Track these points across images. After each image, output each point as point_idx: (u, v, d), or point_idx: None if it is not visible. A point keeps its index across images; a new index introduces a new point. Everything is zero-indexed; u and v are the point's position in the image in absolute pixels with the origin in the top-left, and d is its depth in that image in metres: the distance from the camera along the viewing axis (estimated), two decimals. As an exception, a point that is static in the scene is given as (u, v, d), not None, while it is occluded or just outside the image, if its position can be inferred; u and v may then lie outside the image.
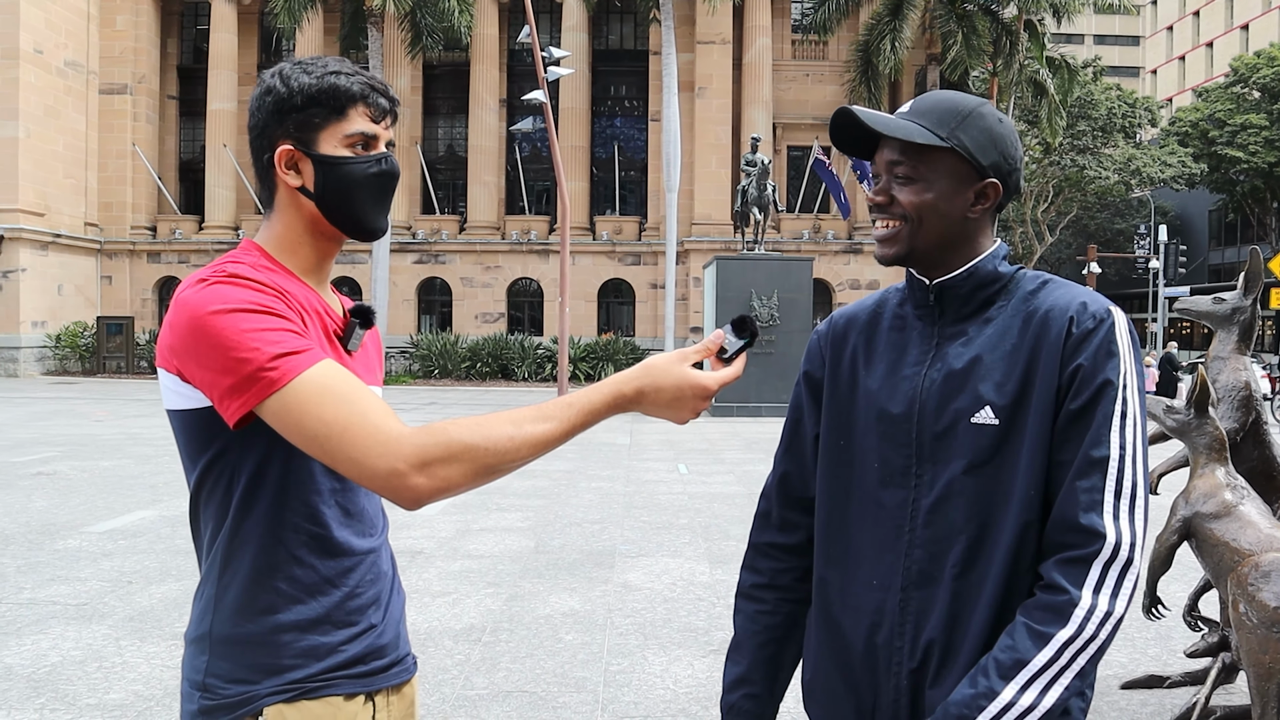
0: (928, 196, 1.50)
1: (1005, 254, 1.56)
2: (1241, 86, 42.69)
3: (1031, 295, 1.49)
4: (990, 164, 1.50)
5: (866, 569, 1.53)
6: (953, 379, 1.48)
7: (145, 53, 36.59)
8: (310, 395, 1.29)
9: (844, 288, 35.12)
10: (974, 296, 1.53)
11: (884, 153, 1.54)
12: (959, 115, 1.50)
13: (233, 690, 1.40)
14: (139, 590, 6.16)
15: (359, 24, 31.18)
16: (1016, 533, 1.41)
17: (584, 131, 36.57)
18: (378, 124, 1.50)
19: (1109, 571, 1.36)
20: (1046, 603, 1.37)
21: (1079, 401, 1.40)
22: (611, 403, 1.42)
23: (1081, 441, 1.39)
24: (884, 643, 1.50)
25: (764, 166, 22.81)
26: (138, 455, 12.85)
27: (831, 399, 1.63)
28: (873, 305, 1.67)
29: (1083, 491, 1.38)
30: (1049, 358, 1.42)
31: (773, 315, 21.26)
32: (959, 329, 1.52)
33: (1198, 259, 53.82)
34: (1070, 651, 1.34)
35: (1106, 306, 1.44)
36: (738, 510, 9.34)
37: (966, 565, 1.44)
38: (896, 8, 30.16)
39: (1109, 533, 1.36)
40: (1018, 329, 1.46)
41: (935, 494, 1.47)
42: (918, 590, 1.47)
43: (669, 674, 4.75)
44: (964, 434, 1.45)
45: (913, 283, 1.60)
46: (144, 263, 36.61)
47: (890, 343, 1.59)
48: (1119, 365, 1.41)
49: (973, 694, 1.37)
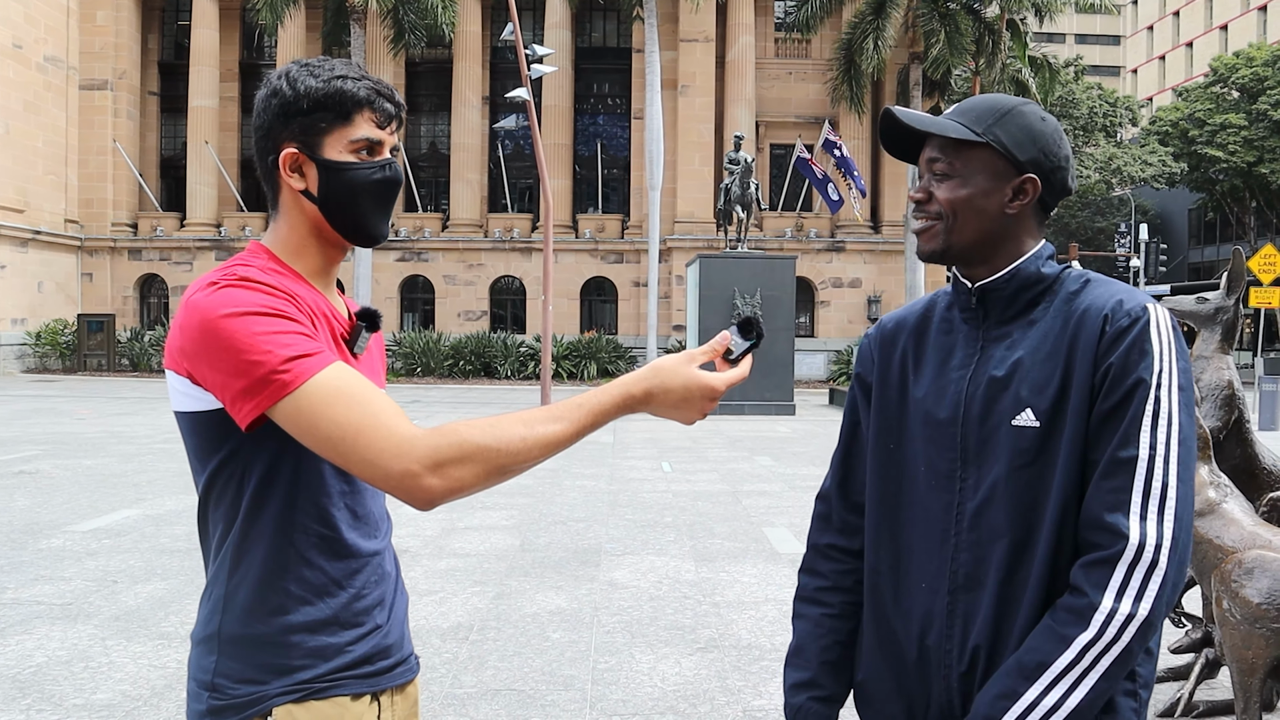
0: (963, 192, 1.52)
1: (1050, 254, 1.55)
2: (1221, 86, 43.00)
3: (1073, 295, 1.49)
4: (1028, 160, 1.50)
5: (916, 572, 1.55)
6: (996, 382, 1.48)
7: (126, 48, 36.30)
8: (323, 397, 1.30)
9: (826, 286, 35.21)
10: (1017, 298, 1.52)
11: (924, 151, 1.56)
12: (997, 113, 1.52)
13: (242, 690, 1.41)
14: (124, 589, 6.13)
15: (341, 20, 31.03)
16: (1056, 535, 1.42)
17: (567, 129, 36.54)
18: (383, 129, 1.50)
19: (1133, 573, 1.35)
20: (1070, 605, 1.38)
21: (1110, 401, 1.39)
22: (621, 403, 1.43)
23: (1111, 441, 1.39)
24: (934, 645, 1.51)
25: (747, 165, 22.85)
26: (121, 454, 12.77)
27: (881, 402, 1.64)
28: (921, 309, 1.67)
29: (1108, 491, 1.38)
30: (1084, 358, 1.42)
31: (755, 313, 21.32)
32: (1003, 331, 1.52)
33: (1177, 257, 54.27)
34: (1092, 654, 1.35)
35: (1143, 304, 1.43)
36: (722, 508, 9.37)
37: (1010, 568, 1.45)
38: (879, 6, 30.23)
39: (1133, 533, 1.35)
40: (1058, 330, 1.46)
41: (980, 497, 1.48)
42: (965, 593, 1.49)
43: (656, 671, 4.77)
44: (1006, 436, 1.46)
45: (957, 285, 1.60)
46: (125, 260, 36.35)
47: (937, 345, 1.59)
48: (1153, 364, 1.39)
49: (997, 694, 1.40)
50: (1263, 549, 3.36)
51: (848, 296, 35.28)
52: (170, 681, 4.53)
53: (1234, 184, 42.88)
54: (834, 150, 30.80)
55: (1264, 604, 3.24)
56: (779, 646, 5.17)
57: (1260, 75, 40.53)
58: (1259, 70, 40.66)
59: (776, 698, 4.45)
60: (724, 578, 6.65)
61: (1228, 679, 4.29)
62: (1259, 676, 3.28)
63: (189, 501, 9.25)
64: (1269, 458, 4.30)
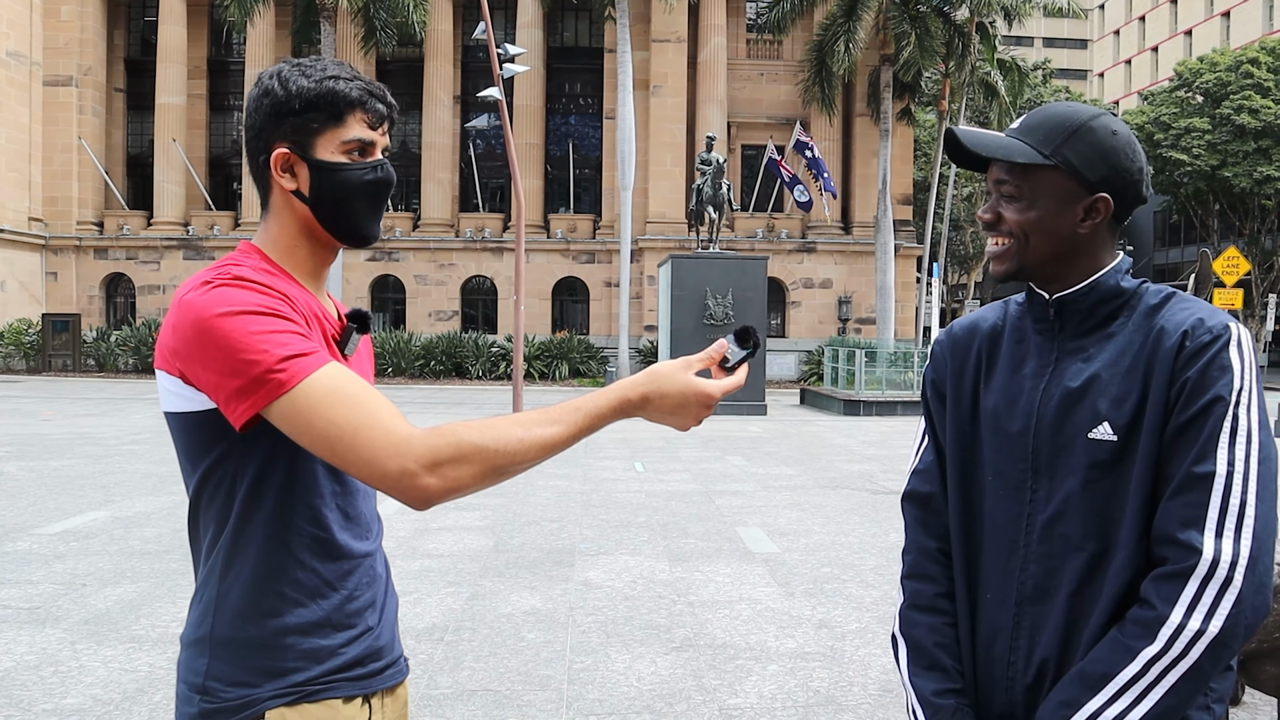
0: (1032, 214, 1.50)
1: (1127, 268, 1.54)
2: (1185, 91, 43.58)
3: (1153, 311, 1.48)
4: (1099, 179, 1.48)
5: (984, 582, 1.55)
6: (1072, 394, 1.47)
7: (91, 44, 35.88)
8: (320, 397, 1.30)
9: (797, 286, 35.38)
10: (1095, 312, 1.51)
11: (992, 170, 1.54)
12: (1066, 131, 1.49)
13: (234, 693, 1.40)
14: (94, 593, 6.06)
15: (311, 18, 30.82)
16: (1132, 550, 1.41)
17: (538, 129, 36.49)
18: (375, 130, 1.50)
19: (1205, 589, 1.33)
20: (1138, 617, 1.37)
21: (1185, 415, 1.38)
22: (617, 407, 1.43)
23: (1186, 457, 1.37)
24: (1000, 655, 1.52)
25: (719, 165, 22.93)
26: (87, 455, 12.62)
27: (954, 409, 1.63)
28: (994, 316, 1.66)
29: (1184, 506, 1.36)
30: (1161, 372, 1.41)
31: (727, 314, 21.39)
32: (1079, 344, 1.51)
33: (1143, 258, 54.94)
34: (1157, 669, 1.33)
35: (1225, 322, 1.41)
36: (695, 508, 9.39)
37: (1082, 582, 1.44)
38: (850, 9, 30.43)
39: (1208, 549, 1.33)
40: (1138, 345, 1.45)
41: (1051, 509, 1.47)
42: (1032, 606, 1.48)
43: (632, 671, 4.78)
44: (1081, 449, 1.45)
45: (1033, 297, 1.58)
46: (90, 259, 35.91)
47: (1010, 354, 1.58)
48: (1232, 382, 1.37)
49: (1060, 702, 1.40)
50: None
51: (819, 297, 35.45)
52: (142, 685, 4.49)
53: (1198, 187, 43.46)
54: (805, 151, 30.95)
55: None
56: (753, 645, 5.20)
57: (1223, 80, 41.13)
58: (1222, 75, 41.26)
59: (752, 696, 4.48)
60: (698, 577, 6.68)
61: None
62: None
63: (158, 504, 9.17)
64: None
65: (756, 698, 4.46)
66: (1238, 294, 22.90)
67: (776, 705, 4.37)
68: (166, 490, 9.92)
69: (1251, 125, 39.56)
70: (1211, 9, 62.37)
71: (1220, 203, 44.15)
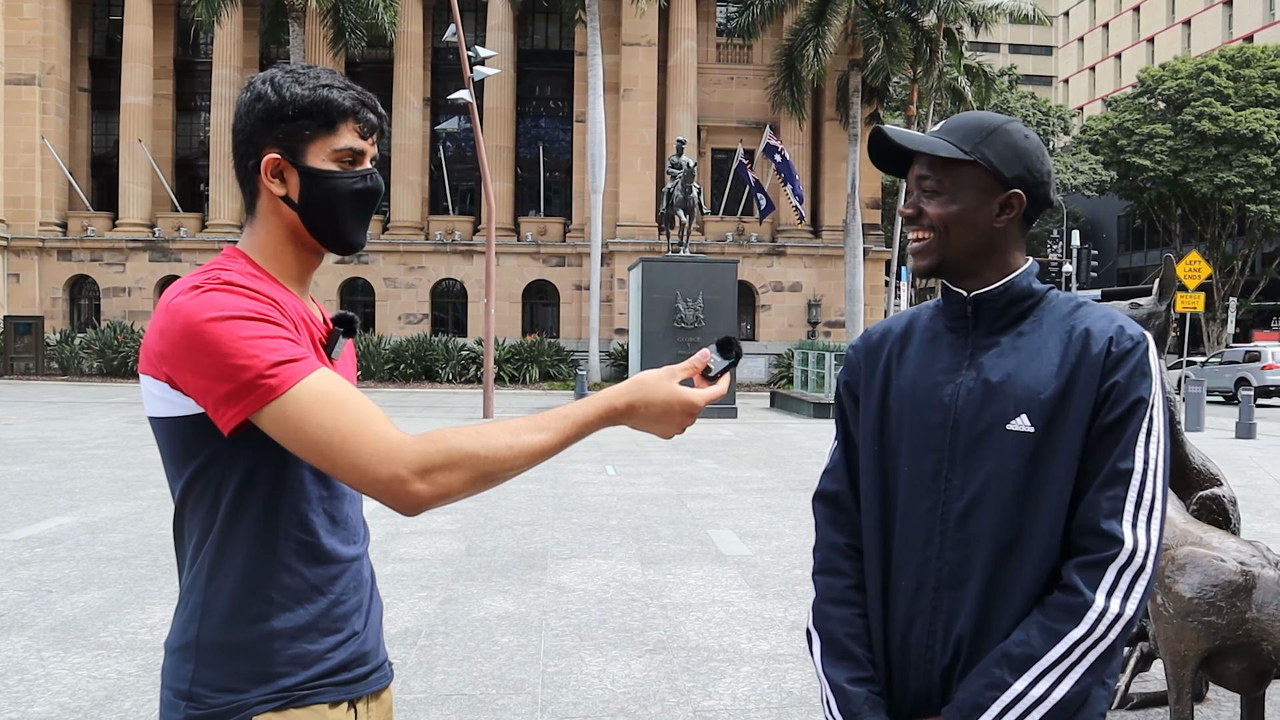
0: (953, 208, 1.58)
1: (1037, 272, 1.63)
2: (1148, 97, 44.24)
3: (1070, 314, 1.58)
4: (1014, 176, 1.58)
5: (900, 570, 1.61)
6: (990, 387, 1.55)
7: (55, 43, 35.40)
8: (310, 402, 1.31)
9: (767, 290, 35.52)
10: (1009, 311, 1.60)
11: (914, 169, 1.62)
12: (984, 131, 1.59)
13: (221, 699, 1.39)
14: (60, 599, 5.98)
15: (280, 19, 30.62)
16: (1048, 538, 1.50)
17: (509, 131, 36.42)
18: (365, 140, 1.51)
19: (1123, 575, 1.45)
20: (1062, 602, 1.46)
21: (1113, 415, 1.48)
22: (604, 415, 1.46)
23: (1110, 453, 1.48)
24: (916, 641, 1.58)
25: (689, 169, 22.99)
26: (52, 460, 12.44)
27: (867, 408, 1.70)
28: (906, 319, 1.74)
29: (1106, 499, 1.46)
30: (1089, 373, 1.50)
31: (698, 317, 21.44)
32: (993, 340, 1.60)
33: (1107, 263, 55.67)
34: (1080, 650, 1.44)
35: (1141, 331, 1.53)
36: (667, 511, 9.41)
37: (997, 567, 1.51)
38: (819, 14, 30.61)
39: (1127, 539, 1.45)
40: (1058, 344, 1.54)
41: (967, 498, 1.54)
42: (949, 591, 1.55)
43: (606, 674, 4.78)
44: (999, 440, 1.52)
45: (949, 295, 1.66)
46: (54, 260, 35.42)
47: (922, 352, 1.66)
48: (1151, 386, 1.50)
49: (986, 684, 1.47)
50: (1194, 545, 3.49)
51: (788, 300, 35.61)
52: (111, 693, 4.44)
53: (1160, 192, 44.13)
54: (775, 155, 31.09)
55: (1195, 598, 3.36)
56: (726, 647, 5.22)
57: (1185, 87, 41.80)
58: (1184, 83, 41.93)
59: (726, 698, 4.50)
60: (670, 580, 6.69)
61: (1161, 671, 4.43)
62: (1190, 668, 3.40)
63: (125, 509, 9.06)
64: (1198, 458, 4.45)
65: (730, 699, 4.48)
66: (1199, 297, 23.26)
67: (750, 706, 4.39)
68: (133, 495, 9.81)
69: (1212, 131, 40.24)
70: (1173, 17, 63.35)
71: (1182, 207, 44.85)
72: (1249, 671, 3.39)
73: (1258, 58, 41.99)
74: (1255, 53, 42.45)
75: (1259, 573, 3.34)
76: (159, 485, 10.45)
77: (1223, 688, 3.64)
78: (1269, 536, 8.15)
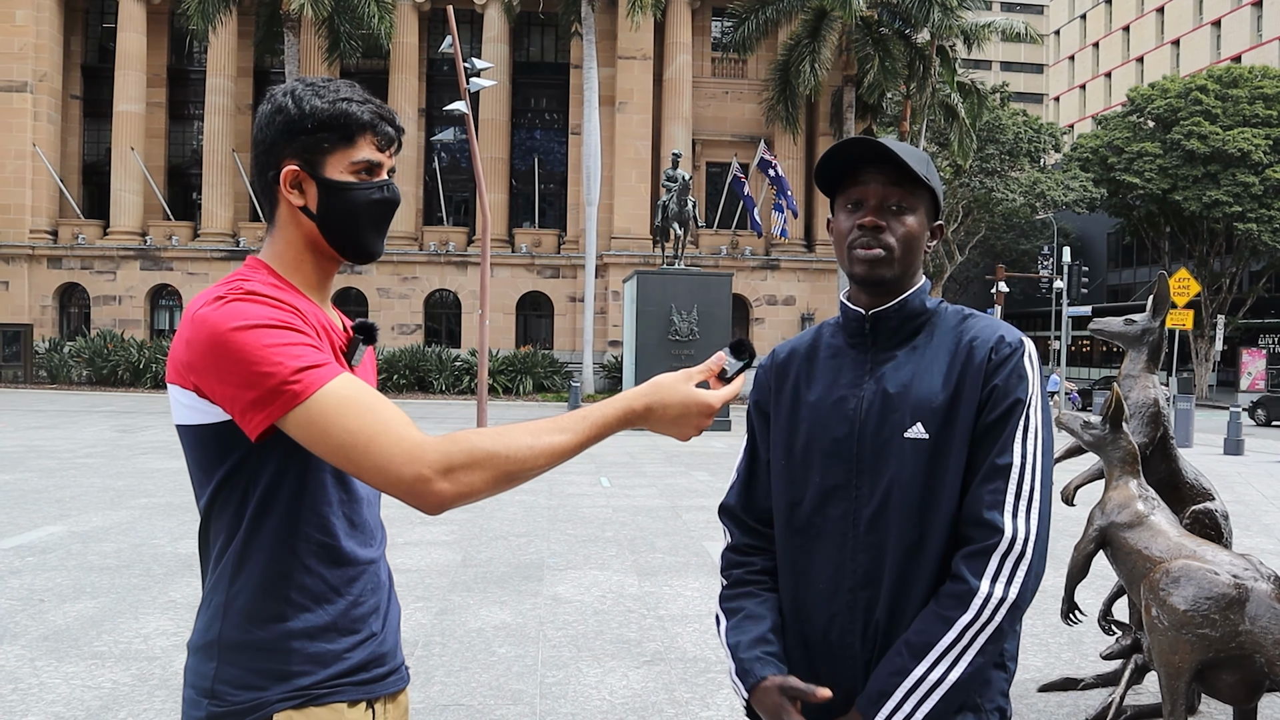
0: (915, 228, 1.69)
1: (929, 289, 1.75)
2: (1137, 116, 44.50)
3: (957, 326, 1.69)
4: (938, 209, 1.74)
5: (816, 576, 1.70)
6: (889, 399, 1.65)
7: (47, 50, 35.35)
8: (334, 406, 1.34)
9: (761, 303, 35.61)
10: (904, 327, 1.71)
11: (877, 183, 1.68)
12: (926, 161, 1.70)
13: (242, 697, 1.43)
14: (52, 608, 5.96)
15: (275, 28, 30.67)
16: (947, 534, 1.61)
17: (504, 143, 36.48)
18: (383, 153, 1.55)
19: (1005, 562, 1.55)
20: (952, 591, 1.57)
21: (993, 416, 1.60)
22: (622, 417, 1.50)
23: (991, 450, 1.59)
24: (837, 641, 1.67)
25: (684, 182, 23.05)
26: (41, 468, 12.40)
27: (776, 423, 1.79)
28: (810, 337, 1.84)
29: (988, 492, 1.58)
30: (973, 380, 1.62)
31: (692, 330, 21.47)
32: (890, 354, 1.70)
33: (1097, 279, 55.87)
34: (970, 634, 1.54)
35: (1020, 337, 1.65)
36: (661, 523, 9.42)
37: (905, 565, 1.62)
38: (815, 30, 30.79)
39: (1007, 528, 1.56)
40: (947, 355, 1.65)
41: (875, 504, 1.64)
42: (864, 590, 1.65)
43: (604, 685, 4.79)
44: (899, 448, 1.63)
45: (848, 313, 1.76)
46: (44, 268, 35.28)
47: (826, 368, 1.75)
48: (1028, 387, 1.60)
49: (890, 672, 1.58)
50: (1188, 559, 3.52)
51: (782, 314, 35.70)
52: (106, 702, 4.43)
53: (1149, 210, 44.35)
54: (769, 170, 31.22)
55: (1189, 611, 3.39)
56: (723, 659, 5.23)
57: (1174, 106, 42.07)
58: (1173, 102, 42.20)
59: (724, 709, 4.51)
60: (667, 591, 6.70)
61: (1155, 684, 4.46)
62: (1184, 680, 3.43)
63: (116, 518, 9.03)
64: (1191, 472, 4.49)
65: (728, 710, 4.49)
66: (1188, 314, 23.39)
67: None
68: (124, 504, 9.78)
69: (1200, 150, 40.50)
70: (1162, 37, 63.84)
71: (1171, 225, 45.09)
72: (1242, 683, 3.42)
73: (1245, 78, 42.30)
74: (1243, 73, 42.76)
75: (1252, 586, 3.37)
76: (150, 495, 10.43)
77: (1215, 700, 3.67)
78: (1258, 551, 8.20)
